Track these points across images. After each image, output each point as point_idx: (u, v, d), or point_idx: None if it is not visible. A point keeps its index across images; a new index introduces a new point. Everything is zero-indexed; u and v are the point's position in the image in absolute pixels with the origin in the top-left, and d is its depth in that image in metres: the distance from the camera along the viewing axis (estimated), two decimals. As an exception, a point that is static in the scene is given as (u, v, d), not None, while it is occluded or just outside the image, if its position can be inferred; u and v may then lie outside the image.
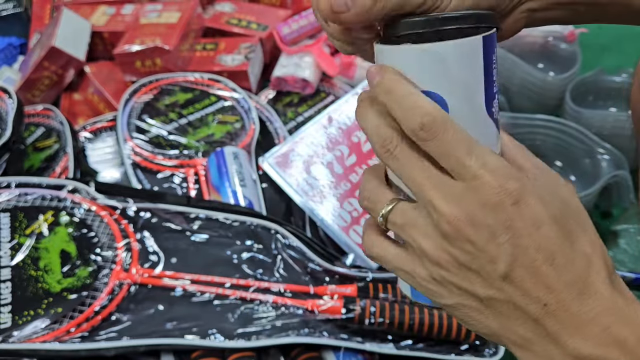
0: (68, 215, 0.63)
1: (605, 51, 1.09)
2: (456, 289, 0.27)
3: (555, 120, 0.78)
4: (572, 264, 0.26)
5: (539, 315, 0.26)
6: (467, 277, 0.27)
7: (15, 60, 1.04)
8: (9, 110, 0.75)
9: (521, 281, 0.26)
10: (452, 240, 0.26)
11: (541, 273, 0.26)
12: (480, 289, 0.27)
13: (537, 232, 0.26)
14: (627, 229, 0.76)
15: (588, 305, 0.26)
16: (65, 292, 0.57)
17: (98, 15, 0.99)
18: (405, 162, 0.27)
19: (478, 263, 0.26)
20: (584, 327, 0.26)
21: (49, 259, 0.60)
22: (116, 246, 0.61)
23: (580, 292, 0.26)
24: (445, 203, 0.26)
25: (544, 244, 0.26)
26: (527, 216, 0.26)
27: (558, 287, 0.26)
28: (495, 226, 0.25)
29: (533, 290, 0.26)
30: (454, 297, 0.28)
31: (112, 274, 0.59)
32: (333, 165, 0.73)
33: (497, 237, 0.26)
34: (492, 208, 0.25)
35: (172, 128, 0.82)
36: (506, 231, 0.25)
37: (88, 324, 0.56)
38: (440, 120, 0.26)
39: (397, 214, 0.28)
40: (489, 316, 0.27)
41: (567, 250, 0.26)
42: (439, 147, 0.26)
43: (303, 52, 0.97)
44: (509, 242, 0.25)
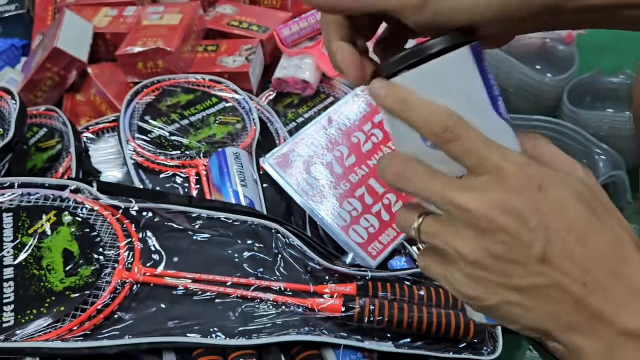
0: (70, 215, 0.64)
1: (603, 52, 1.10)
2: (495, 285, 0.28)
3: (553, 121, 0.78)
4: (603, 242, 0.27)
5: (581, 294, 0.26)
6: (504, 271, 0.27)
7: (17, 61, 1.05)
8: (12, 111, 0.75)
9: (558, 262, 0.26)
10: (485, 233, 0.27)
11: (575, 254, 0.26)
12: (519, 279, 0.27)
13: (565, 214, 0.27)
14: (625, 229, 0.76)
15: (628, 280, 0.27)
16: (68, 291, 0.58)
17: (100, 16, 1.00)
18: (418, 181, 0.29)
19: (514, 252, 0.27)
20: (627, 301, 0.26)
21: (51, 258, 0.60)
22: (118, 245, 0.62)
23: (616, 268, 0.27)
24: (471, 199, 0.27)
25: (573, 225, 0.27)
26: (552, 199, 0.27)
27: (594, 267, 0.26)
28: (524, 210, 0.26)
29: (571, 270, 0.26)
30: (495, 295, 0.28)
31: (115, 273, 0.60)
32: (333, 165, 0.74)
33: (528, 222, 0.26)
34: (519, 193, 0.26)
35: (174, 129, 0.83)
36: (535, 214, 0.26)
37: (90, 323, 0.56)
38: (462, 121, 0.28)
39: (428, 224, 0.30)
40: (532, 308, 0.27)
41: (597, 229, 0.27)
42: (462, 146, 0.27)
43: (303, 54, 0.97)
44: (539, 225, 0.26)
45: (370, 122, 0.78)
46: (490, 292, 0.28)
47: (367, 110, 0.78)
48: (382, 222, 0.71)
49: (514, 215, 0.26)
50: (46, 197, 0.66)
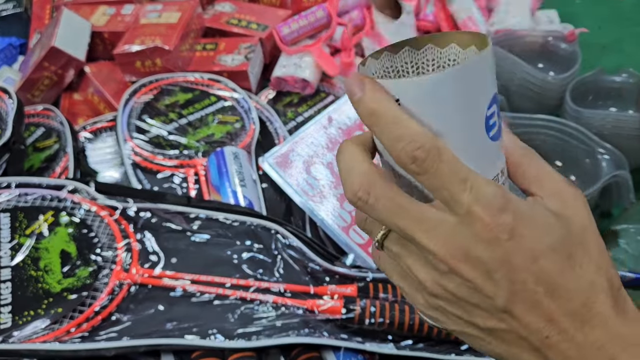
0: (68, 216, 0.63)
1: (605, 51, 1.09)
2: (456, 318, 0.27)
3: (555, 120, 0.78)
4: (574, 293, 0.25)
5: (541, 345, 0.25)
6: (466, 310, 0.26)
7: (15, 60, 1.05)
8: (9, 111, 0.75)
9: (521, 314, 0.25)
10: (448, 276, 0.25)
11: (541, 305, 0.25)
12: (480, 320, 0.26)
13: (535, 264, 0.25)
14: (627, 228, 0.75)
15: (593, 335, 0.25)
16: (66, 292, 0.57)
17: (98, 15, 0.99)
18: (382, 211, 0.25)
19: (477, 298, 0.25)
20: (588, 357, 0.25)
21: (49, 259, 0.60)
22: (116, 246, 0.61)
23: (583, 321, 0.25)
24: (436, 242, 0.25)
25: (543, 276, 0.25)
26: (523, 249, 0.24)
27: (560, 319, 0.25)
28: (491, 263, 0.24)
29: (533, 323, 0.25)
30: (455, 325, 0.27)
31: (113, 274, 0.59)
32: (333, 165, 0.73)
33: (493, 273, 0.25)
34: (487, 244, 0.24)
35: (172, 128, 0.82)
36: (501, 266, 0.24)
37: (88, 324, 0.56)
38: (434, 152, 0.24)
39: (392, 242, 0.27)
40: (492, 343, 0.27)
41: (569, 279, 0.25)
42: (431, 181, 0.24)
43: (303, 52, 0.97)
44: (504, 277, 0.25)
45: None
46: (451, 321, 0.27)
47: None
48: (383, 222, 0.70)
49: (477, 267, 0.25)
50: (44, 198, 0.65)
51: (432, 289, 0.26)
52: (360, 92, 0.25)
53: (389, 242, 0.27)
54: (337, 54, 1.01)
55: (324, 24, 1.02)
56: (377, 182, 0.25)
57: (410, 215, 0.25)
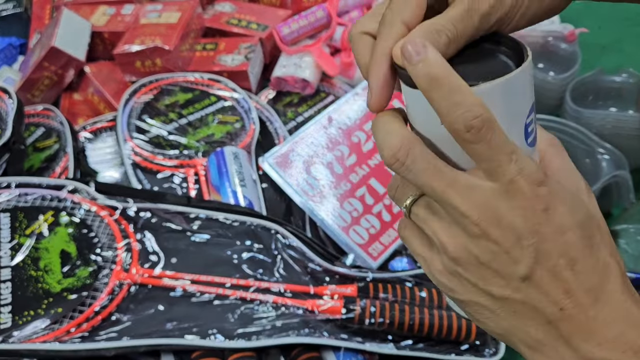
0: (68, 216, 0.63)
1: (605, 51, 1.09)
2: (471, 285, 0.27)
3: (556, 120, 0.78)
4: (592, 270, 0.26)
5: (554, 317, 0.26)
6: (484, 276, 0.27)
7: (15, 60, 1.04)
8: (9, 111, 0.75)
9: (540, 283, 0.26)
10: (475, 239, 0.26)
11: (562, 277, 0.26)
12: (497, 288, 0.27)
13: (562, 237, 0.26)
14: (627, 228, 0.76)
15: (604, 311, 0.26)
16: (66, 292, 0.57)
17: (98, 15, 0.99)
18: (419, 172, 0.26)
19: (499, 263, 0.26)
20: (598, 332, 0.26)
21: (49, 259, 0.60)
22: (116, 246, 0.61)
23: (597, 298, 0.26)
24: (471, 206, 0.26)
25: (567, 250, 0.26)
26: (555, 222, 0.26)
27: (577, 292, 0.26)
28: (523, 230, 0.26)
29: (552, 293, 0.26)
30: (467, 293, 0.28)
31: (113, 274, 0.59)
32: (333, 165, 0.73)
33: (522, 240, 0.26)
34: (522, 212, 0.26)
35: (172, 128, 0.82)
36: (533, 235, 0.26)
37: (88, 324, 0.56)
38: (489, 123, 0.25)
39: (421, 207, 0.28)
40: (501, 315, 0.27)
41: (588, 257, 0.26)
42: (483, 150, 0.25)
43: (303, 52, 0.97)
44: (533, 245, 0.26)
45: (371, 121, 0.77)
46: (465, 288, 0.28)
47: (367, 109, 0.78)
48: (383, 222, 0.70)
49: (509, 232, 0.26)
50: (44, 198, 0.65)
51: (454, 252, 0.27)
52: (421, 55, 0.25)
53: (417, 206, 0.28)
54: (337, 54, 1.01)
55: (324, 24, 1.02)
56: (416, 145, 0.27)
57: (447, 177, 0.26)
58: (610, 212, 0.78)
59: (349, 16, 1.04)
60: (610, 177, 0.74)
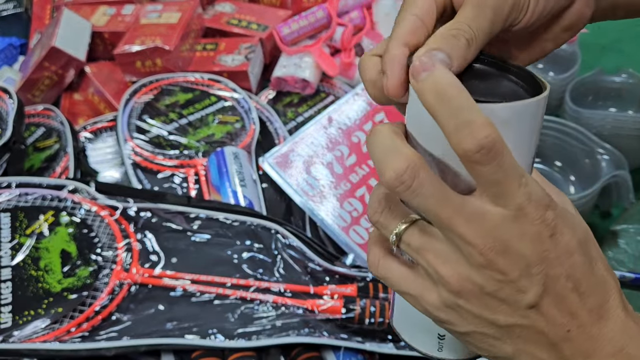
0: (68, 215, 0.63)
1: (605, 51, 1.09)
2: (473, 317, 0.26)
3: (555, 120, 0.78)
4: (594, 289, 0.26)
5: (559, 339, 0.26)
6: (489, 306, 0.26)
7: (15, 60, 1.05)
8: (10, 111, 0.75)
9: (548, 309, 0.25)
10: (481, 270, 0.25)
11: (568, 301, 0.25)
12: (503, 317, 0.26)
13: (568, 260, 0.25)
14: (627, 228, 0.76)
15: (606, 327, 0.26)
16: (66, 292, 0.58)
17: (98, 15, 0.99)
18: (426, 198, 0.24)
19: (505, 292, 0.25)
20: (600, 349, 0.26)
21: (49, 259, 0.60)
22: (117, 246, 0.62)
23: (600, 316, 0.26)
24: (478, 234, 0.24)
25: (573, 272, 0.25)
26: (561, 246, 0.25)
27: (582, 313, 0.25)
28: (531, 257, 0.24)
29: (558, 317, 0.25)
30: (469, 325, 0.26)
31: (113, 274, 0.59)
32: (333, 165, 0.73)
33: (531, 268, 0.25)
34: (531, 239, 0.24)
35: (173, 128, 0.82)
36: (541, 263, 0.25)
37: (88, 324, 0.56)
38: (499, 145, 0.23)
39: (414, 235, 0.26)
40: (506, 342, 0.26)
41: (590, 276, 0.26)
42: (491, 172, 0.23)
43: (303, 53, 0.97)
44: (542, 273, 0.25)
45: (371, 121, 0.77)
46: (466, 321, 0.26)
47: (367, 109, 0.78)
48: (383, 222, 0.70)
49: (517, 261, 0.25)
50: (44, 197, 0.65)
51: (455, 284, 0.25)
52: (429, 71, 0.24)
53: (410, 235, 0.26)
54: (337, 54, 1.01)
55: (324, 24, 1.02)
56: (423, 167, 0.24)
57: (453, 204, 0.24)
58: (610, 212, 0.78)
59: (348, 16, 1.04)
60: (609, 177, 0.74)
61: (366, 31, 1.00)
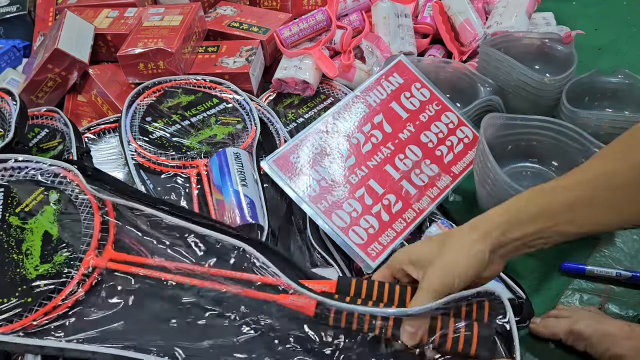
0: (57, 193, 0.63)
1: (601, 52, 1.10)
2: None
3: (552, 121, 0.78)
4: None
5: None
6: None
7: (19, 62, 1.06)
8: (12, 112, 0.76)
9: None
10: None
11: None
12: None
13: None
14: (623, 228, 0.77)
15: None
16: (40, 280, 0.57)
17: (101, 18, 1.00)
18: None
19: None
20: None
21: (32, 242, 0.60)
22: (93, 233, 0.60)
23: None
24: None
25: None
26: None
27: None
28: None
29: None
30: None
31: (85, 259, 0.58)
32: (333, 166, 0.74)
33: None
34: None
35: (175, 130, 0.83)
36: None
37: (54, 312, 0.55)
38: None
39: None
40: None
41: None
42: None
43: (303, 55, 0.98)
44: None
45: (370, 123, 0.78)
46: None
47: (366, 111, 0.79)
48: (382, 222, 0.71)
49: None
50: (39, 174, 0.64)
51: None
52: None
53: None
54: (337, 56, 1.02)
55: (323, 27, 1.03)
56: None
57: None
58: (606, 211, 0.79)
59: (348, 19, 1.05)
60: (605, 177, 0.75)
61: (365, 34, 1.01)
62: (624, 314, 0.66)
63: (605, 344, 0.59)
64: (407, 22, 1.03)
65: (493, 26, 1.01)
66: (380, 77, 0.81)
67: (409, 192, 0.75)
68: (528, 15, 1.03)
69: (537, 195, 0.51)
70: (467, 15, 1.04)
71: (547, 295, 0.69)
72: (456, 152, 0.80)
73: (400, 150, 0.77)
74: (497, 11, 1.04)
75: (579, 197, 0.48)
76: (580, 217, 0.48)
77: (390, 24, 1.00)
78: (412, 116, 0.80)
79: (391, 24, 1.00)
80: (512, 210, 0.51)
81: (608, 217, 0.48)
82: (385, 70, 0.82)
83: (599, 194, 0.48)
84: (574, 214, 0.48)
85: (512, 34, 0.94)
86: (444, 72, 0.92)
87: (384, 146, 0.77)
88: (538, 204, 0.50)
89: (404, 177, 0.76)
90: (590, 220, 0.48)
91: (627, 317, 0.66)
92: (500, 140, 0.77)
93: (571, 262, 0.72)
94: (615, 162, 0.49)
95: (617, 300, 0.68)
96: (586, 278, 0.71)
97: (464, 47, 1.04)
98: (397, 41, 0.99)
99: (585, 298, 0.69)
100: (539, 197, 0.51)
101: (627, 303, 0.67)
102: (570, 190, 0.49)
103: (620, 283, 0.70)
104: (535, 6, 1.07)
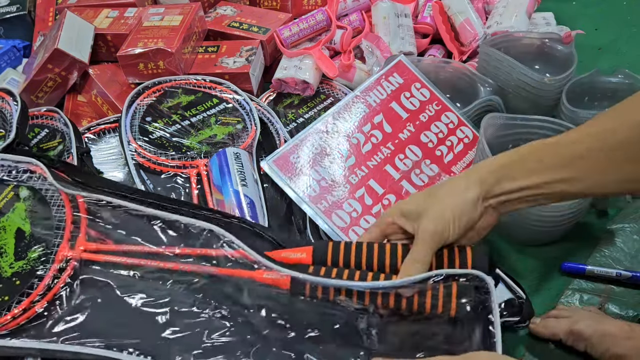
0: (28, 190, 0.63)
1: (602, 52, 1.10)
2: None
3: (552, 120, 0.78)
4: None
5: None
6: None
7: (19, 62, 1.06)
8: (13, 112, 0.76)
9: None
10: None
11: None
12: None
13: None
14: (623, 227, 0.77)
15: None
16: (15, 277, 0.57)
17: (101, 18, 1.00)
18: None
19: None
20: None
21: (5, 240, 0.60)
22: (65, 224, 0.60)
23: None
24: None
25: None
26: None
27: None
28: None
29: None
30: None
31: (59, 253, 0.58)
32: (333, 167, 0.74)
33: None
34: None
35: (175, 130, 0.83)
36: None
37: (33, 309, 0.55)
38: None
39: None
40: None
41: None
42: None
43: (303, 55, 0.98)
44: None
45: (370, 123, 0.78)
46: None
47: (366, 111, 0.79)
48: (382, 221, 0.71)
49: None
50: (7, 172, 0.64)
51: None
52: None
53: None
54: (337, 56, 1.03)
55: (323, 27, 1.03)
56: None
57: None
58: (606, 211, 0.79)
59: (348, 19, 1.05)
60: (605, 177, 0.75)
61: (365, 34, 1.01)
62: (624, 314, 0.66)
63: (605, 344, 0.59)
64: (407, 22, 1.03)
65: (493, 26, 1.01)
66: (380, 77, 0.82)
67: (409, 192, 0.75)
68: (528, 15, 1.03)
69: (534, 150, 0.50)
70: (467, 15, 1.04)
71: (547, 295, 0.69)
72: (456, 152, 0.80)
73: (400, 150, 0.77)
74: (497, 11, 1.04)
75: (577, 154, 0.47)
76: (577, 175, 0.47)
77: (390, 24, 1.00)
78: (412, 116, 0.80)
79: (391, 24, 1.00)
80: (506, 163, 0.50)
81: (605, 176, 0.47)
82: (385, 70, 0.82)
83: (597, 153, 0.46)
84: (569, 170, 0.47)
85: (512, 34, 0.94)
86: (444, 72, 0.92)
87: (384, 146, 0.77)
88: (534, 158, 0.49)
89: (404, 177, 0.76)
90: (587, 178, 0.47)
91: (627, 317, 0.66)
92: (500, 140, 0.77)
93: (571, 262, 0.72)
94: (615, 120, 0.47)
95: (617, 300, 0.68)
96: (586, 278, 0.71)
97: (464, 47, 1.04)
98: (397, 41, 0.99)
99: (585, 298, 0.69)
100: (535, 152, 0.50)
101: (627, 303, 0.67)
102: (566, 146, 0.48)
103: (620, 283, 0.70)
104: (535, 6, 1.07)
